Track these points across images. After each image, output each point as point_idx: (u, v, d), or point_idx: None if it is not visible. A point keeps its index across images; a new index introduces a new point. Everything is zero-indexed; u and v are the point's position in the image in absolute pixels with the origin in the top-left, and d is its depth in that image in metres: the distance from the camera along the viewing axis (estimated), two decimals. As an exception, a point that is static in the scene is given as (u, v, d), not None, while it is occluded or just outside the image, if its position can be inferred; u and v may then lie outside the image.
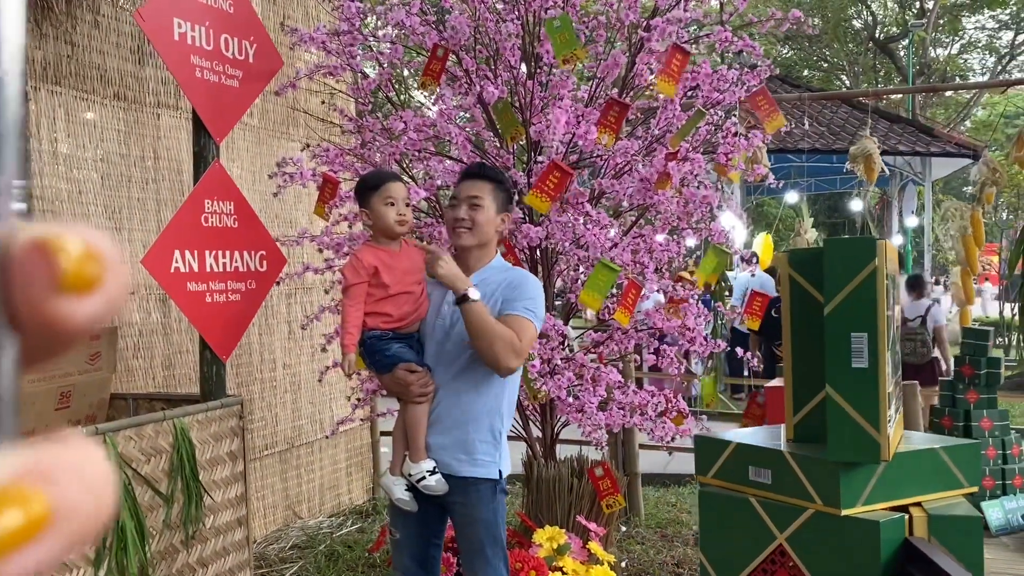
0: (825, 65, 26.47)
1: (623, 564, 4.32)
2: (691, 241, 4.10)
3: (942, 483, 1.88)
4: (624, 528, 5.00)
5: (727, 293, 7.57)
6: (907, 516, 1.79)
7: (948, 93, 23.23)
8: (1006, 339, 12.11)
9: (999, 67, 24.42)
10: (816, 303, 1.90)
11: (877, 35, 24.06)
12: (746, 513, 1.95)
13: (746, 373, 8.26)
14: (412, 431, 2.58)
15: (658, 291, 3.72)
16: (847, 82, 25.14)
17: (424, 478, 2.54)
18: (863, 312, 1.72)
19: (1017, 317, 4.72)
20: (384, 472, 2.74)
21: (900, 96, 19.87)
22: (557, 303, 4.16)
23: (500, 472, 2.61)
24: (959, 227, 4.04)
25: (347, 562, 4.51)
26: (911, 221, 15.13)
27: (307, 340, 5.30)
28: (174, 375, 4.42)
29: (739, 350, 3.98)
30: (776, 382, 3.70)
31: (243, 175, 4.83)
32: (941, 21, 23.14)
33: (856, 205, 16.46)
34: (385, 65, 3.66)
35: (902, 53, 22.64)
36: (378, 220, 2.59)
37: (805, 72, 25.46)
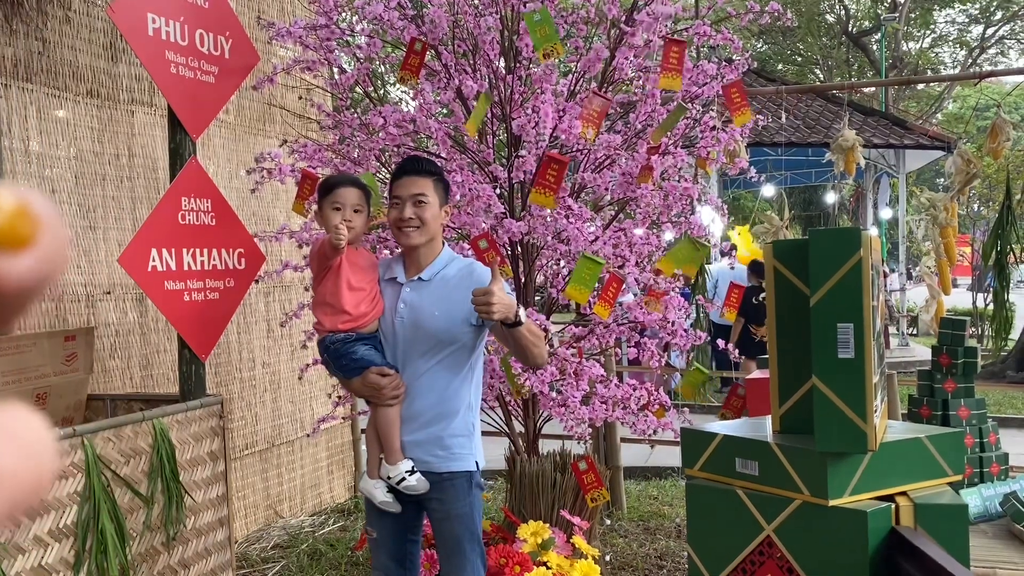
0: (799, 59, 26.65)
1: (607, 558, 4.33)
2: (669, 235, 4.11)
3: (927, 472, 1.90)
4: (607, 522, 5.01)
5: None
6: (894, 505, 1.80)
7: (920, 86, 23.46)
8: (979, 329, 12.26)
9: (969, 60, 24.72)
10: (801, 294, 1.90)
11: (850, 29, 24.26)
12: (733, 505, 1.95)
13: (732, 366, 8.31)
14: (386, 433, 2.56)
15: (639, 286, 3.72)
16: (820, 76, 25.33)
17: (404, 479, 2.54)
18: (849, 303, 1.72)
19: (991, 307, 4.77)
20: (362, 476, 2.74)
21: (873, 89, 20.04)
22: (538, 298, 4.15)
23: (476, 464, 2.62)
24: (943, 218, 4.07)
25: (330, 561, 4.49)
26: (885, 213, 15.28)
27: (286, 338, 5.26)
28: (152, 375, 4.37)
29: (720, 342, 4.00)
30: (757, 374, 3.72)
31: (219, 172, 4.78)
32: (913, 15, 23.38)
33: (831, 198, 16.61)
34: (363, 60, 3.63)
35: (875, 47, 22.84)
36: (324, 223, 2.59)
37: (779, 66, 25.63)
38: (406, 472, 2.54)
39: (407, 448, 2.58)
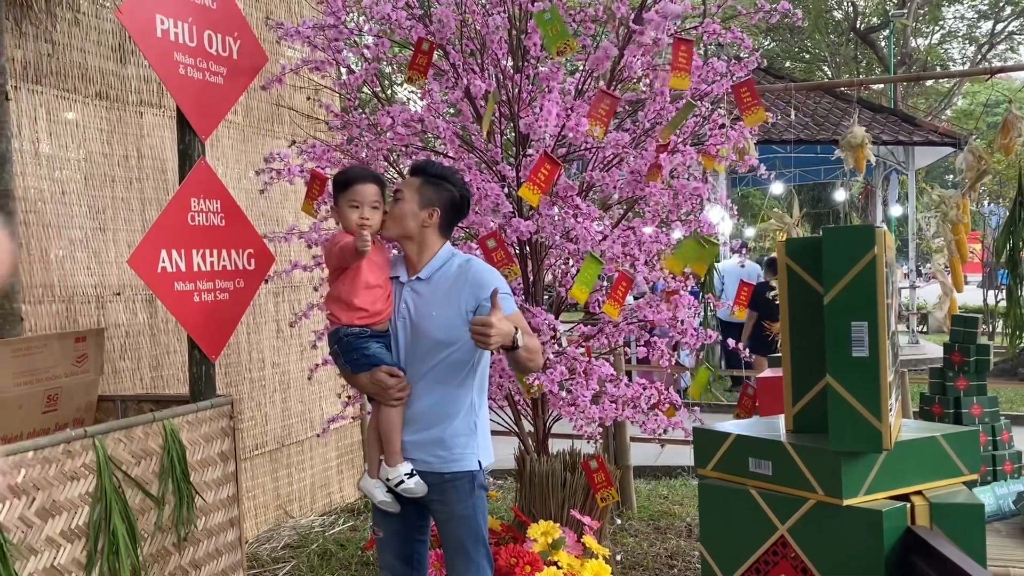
0: (807, 56, 26.55)
1: (617, 557, 4.32)
2: (678, 233, 4.10)
3: (943, 471, 1.88)
4: (617, 521, 5.00)
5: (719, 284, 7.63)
6: (909, 505, 1.78)
7: (929, 83, 23.36)
8: (991, 326, 12.20)
9: (979, 56, 24.59)
10: (814, 292, 1.89)
11: (858, 26, 24.15)
12: (747, 505, 1.94)
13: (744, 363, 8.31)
14: (387, 434, 2.56)
15: (648, 285, 3.71)
16: (829, 73, 25.23)
17: (403, 481, 2.54)
18: (863, 301, 1.71)
19: (1004, 304, 4.74)
20: (362, 474, 2.73)
21: (881, 86, 19.96)
22: (546, 296, 4.14)
23: (479, 463, 2.60)
24: (954, 215, 4.05)
25: (340, 560, 4.49)
26: (895, 210, 15.21)
27: (296, 338, 5.26)
28: (162, 376, 4.38)
29: (730, 341, 3.99)
30: (768, 372, 3.70)
31: (228, 173, 4.79)
32: (921, 11, 23.27)
33: (840, 195, 16.56)
34: (370, 60, 3.62)
35: (883, 43, 22.73)
36: (342, 221, 2.60)
37: (787, 64, 25.53)
38: (404, 475, 2.54)
39: (409, 448, 2.57)
